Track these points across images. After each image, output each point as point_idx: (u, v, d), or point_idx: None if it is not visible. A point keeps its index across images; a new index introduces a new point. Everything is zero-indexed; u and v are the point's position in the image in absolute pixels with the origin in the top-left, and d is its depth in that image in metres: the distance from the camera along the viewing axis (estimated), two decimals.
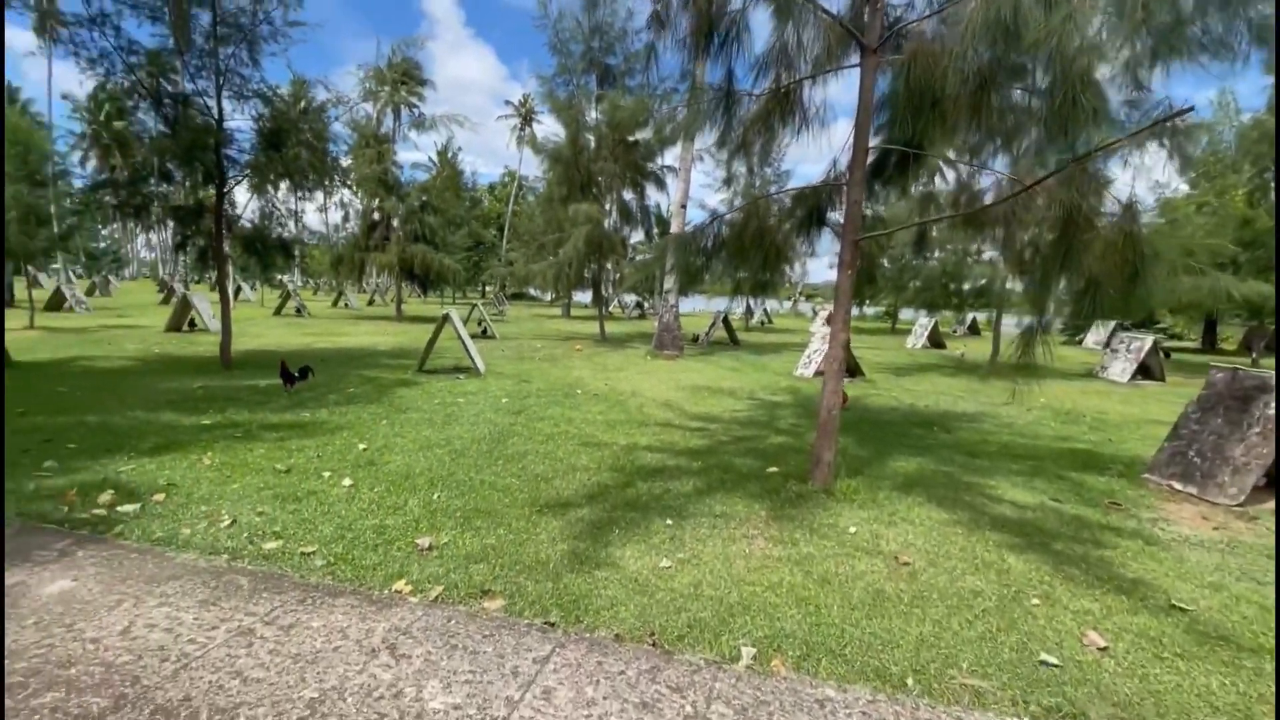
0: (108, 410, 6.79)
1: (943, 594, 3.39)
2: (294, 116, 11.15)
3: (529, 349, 16.00)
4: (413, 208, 23.74)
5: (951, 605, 3.27)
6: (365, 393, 8.57)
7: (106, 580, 3.02)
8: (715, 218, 6.11)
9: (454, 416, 7.31)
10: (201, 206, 11.06)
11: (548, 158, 18.99)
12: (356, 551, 3.54)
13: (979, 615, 3.18)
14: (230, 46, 10.23)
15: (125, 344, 13.59)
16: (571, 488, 4.93)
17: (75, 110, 41.11)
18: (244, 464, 5.08)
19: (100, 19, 9.11)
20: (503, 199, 58.16)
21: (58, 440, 5.46)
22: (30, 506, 3.89)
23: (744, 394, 10.25)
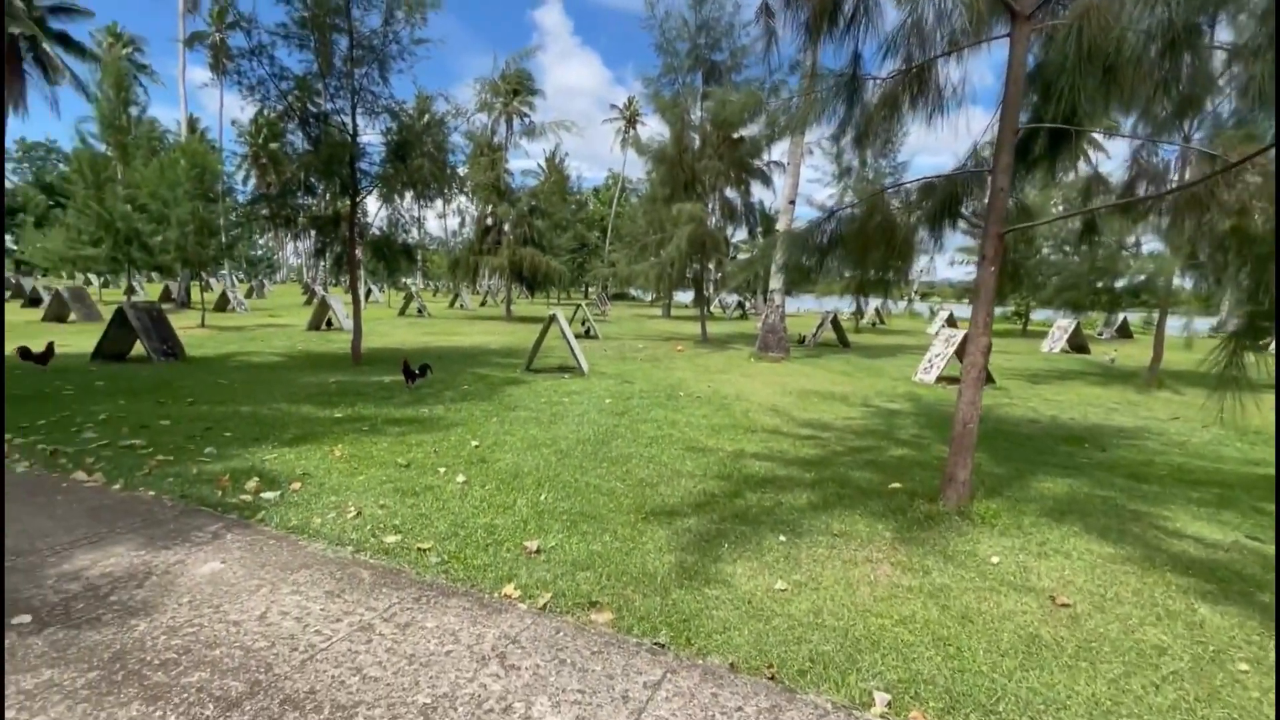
0: (257, 401, 7.51)
1: (1116, 646, 2.87)
2: (418, 129, 11.87)
3: (631, 349, 16.09)
4: (522, 212, 24.71)
5: (1129, 662, 2.76)
6: (477, 390, 8.91)
7: (249, 565, 3.24)
8: (832, 212, 5.70)
9: (559, 416, 7.40)
10: (338, 216, 12.05)
11: (651, 158, 19.01)
12: (468, 551, 3.58)
13: (1167, 678, 2.65)
14: (364, 67, 11.08)
15: (274, 341, 15.16)
16: (677, 495, 4.77)
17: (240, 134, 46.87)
18: (369, 457, 5.37)
19: (258, 49, 10.15)
20: (606, 201, 59.36)
21: (216, 428, 6.08)
22: (192, 490, 4.31)
23: (857, 400, 9.62)
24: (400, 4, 10.93)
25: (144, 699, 2.21)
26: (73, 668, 2.36)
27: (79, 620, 2.67)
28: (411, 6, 11.00)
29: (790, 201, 14.85)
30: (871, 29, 4.60)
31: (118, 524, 3.68)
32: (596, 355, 14.11)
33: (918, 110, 5.09)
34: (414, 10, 11.03)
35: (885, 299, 35.72)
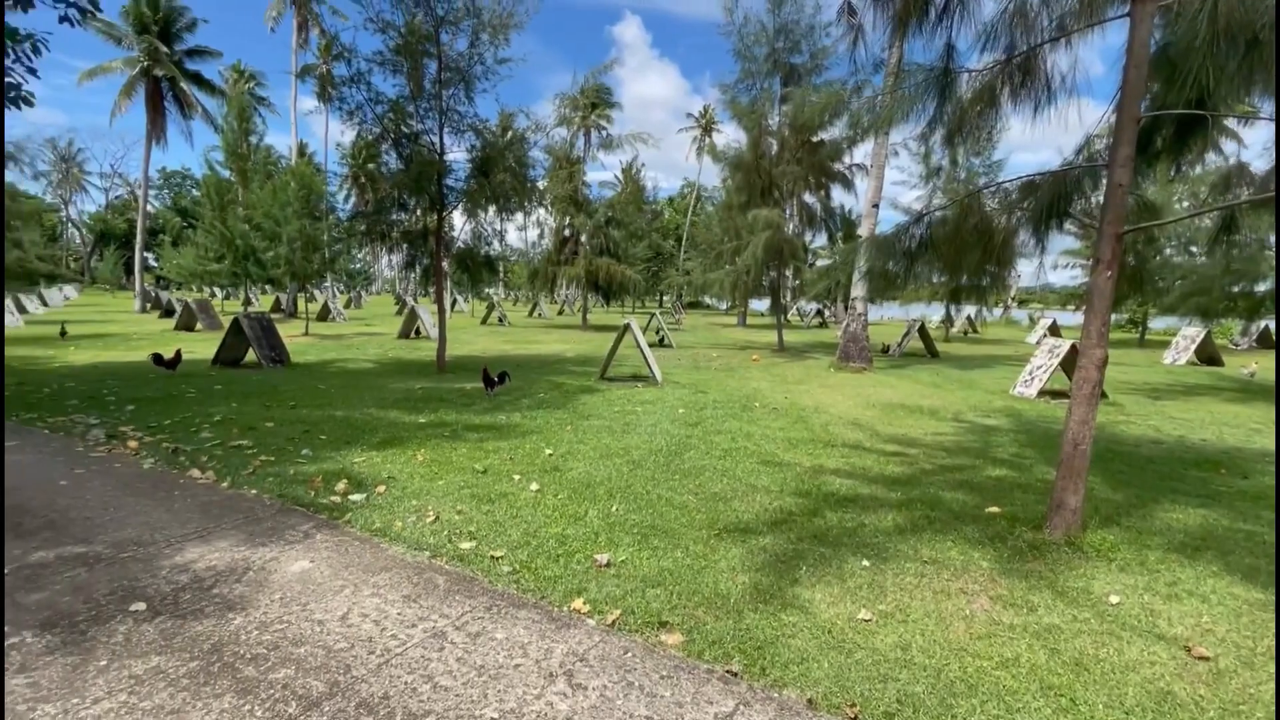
0: (350, 406, 7.97)
1: (1271, 712, 2.46)
2: (500, 146, 12.31)
3: (705, 358, 15.91)
4: (599, 223, 25.12)
5: None
6: (553, 398, 9.05)
7: (335, 565, 3.38)
8: (920, 215, 5.36)
9: (632, 425, 7.37)
10: (426, 230, 12.68)
11: (727, 165, 18.82)
12: (539, 561, 3.58)
13: None
14: (451, 88, 11.62)
15: (368, 348, 16.12)
16: (752, 511, 4.59)
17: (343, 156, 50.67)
18: (448, 462, 5.54)
19: (357, 76, 10.87)
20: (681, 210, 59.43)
21: (313, 431, 6.47)
22: (288, 490, 4.58)
23: (948, 414, 9.01)
24: (485, 27, 11.38)
25: (236, 692, 2.32)
26: (177, 656, 2.52)
27: (185, 611, 2.87)
28: (495, 29, 11.43)
29: (874, 205, 14.23)
30: (966, 18, 4.30)
31: (223, 520, 3.96)
32: (670, 364, 14.04)
33: (1019, 103, 4.71)
34: (498, 32, 11.46)
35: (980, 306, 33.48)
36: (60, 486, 4.47)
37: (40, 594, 2.97)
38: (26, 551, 3.42)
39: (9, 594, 2.98)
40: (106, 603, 2.91)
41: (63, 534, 3.67)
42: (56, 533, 3.68)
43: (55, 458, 5.16)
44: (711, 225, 29.77)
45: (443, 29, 11.18)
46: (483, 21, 11.28)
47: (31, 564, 3.27)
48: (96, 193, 69.01)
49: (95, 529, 3.75)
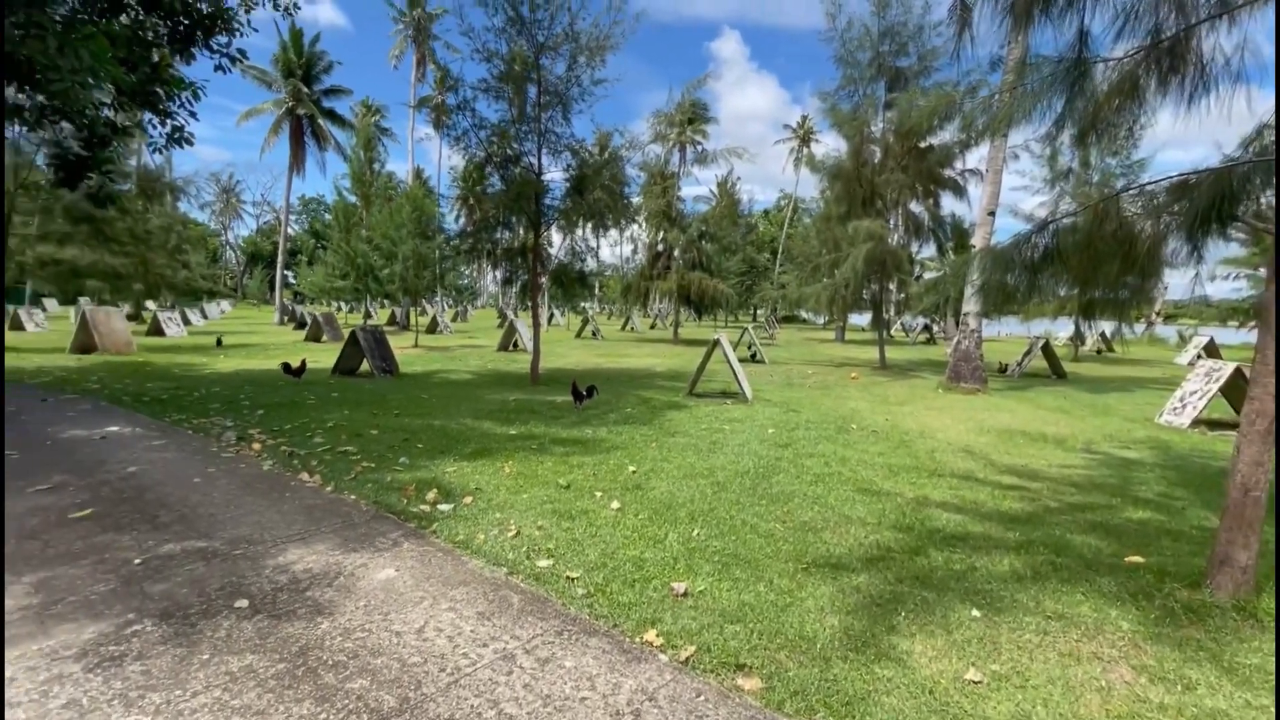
0: (447, 416, 8.33)
1: None
2: (596, 165, 12.58)
3: (799, 375, 15.32)
4: (692, 238, 25.10)
5: None
6: (639, 414, 9.01)
7: (417, 575, 3.46)
8: (1046, 222, 4.81)
9: (719, 445, 7.15)
10: (524, 248, 13.17)
11: (826, 175, 18.18)
12: (614, 585, 3.48)
13: None
14: (549, 111, 12.05)
15: (469, 360, 16.94)
16: (845, 544, 4.25)
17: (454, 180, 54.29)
18: (534, 475, 5.60)
19: (463, 104, 11.53)
20: (777, 223, 58.29)
21: (411, 440, 6.80)
22: (383, 497, 4.80)
23: (1077, 444, 8.04)
24: (582, 50, 11.71)
25: (314, 698, 2.38)
26: (268, 656, 2.65)
27: (280, 611, 3.02)
28: (592, 51, 11.74)
29: (989, 213, 13.14)
30: (1101, 1, 3.81)
31: (323, 523, 4.20)
32: (762, 381, 13.64)
33: (1167, 94, 4.11)
34: (594, 54, 11.76)
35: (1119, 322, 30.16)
36: (194, 484, 4.95)
37: (164, 584, 3.25)
38: (159, 543, 3.78)
39: (142, 581, 3.29)
40: (216, 597, 3.13)
41: (190, 528, 4.03)
42: (185, 527, 4.06)
43: (194, 457, 5.75)
44: (809, 237, 28.87)
45: (543, 55, 11.62)
46: (580, 45, 11.61)
47: (161, 555, 3.60)
48: (249, 218, 78.18)
49: (216, 525, 4.09)
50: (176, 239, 25.52)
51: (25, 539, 3.78)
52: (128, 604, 3.04)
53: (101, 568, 3.42)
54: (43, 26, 6.21)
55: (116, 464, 5.42)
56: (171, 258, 24.75)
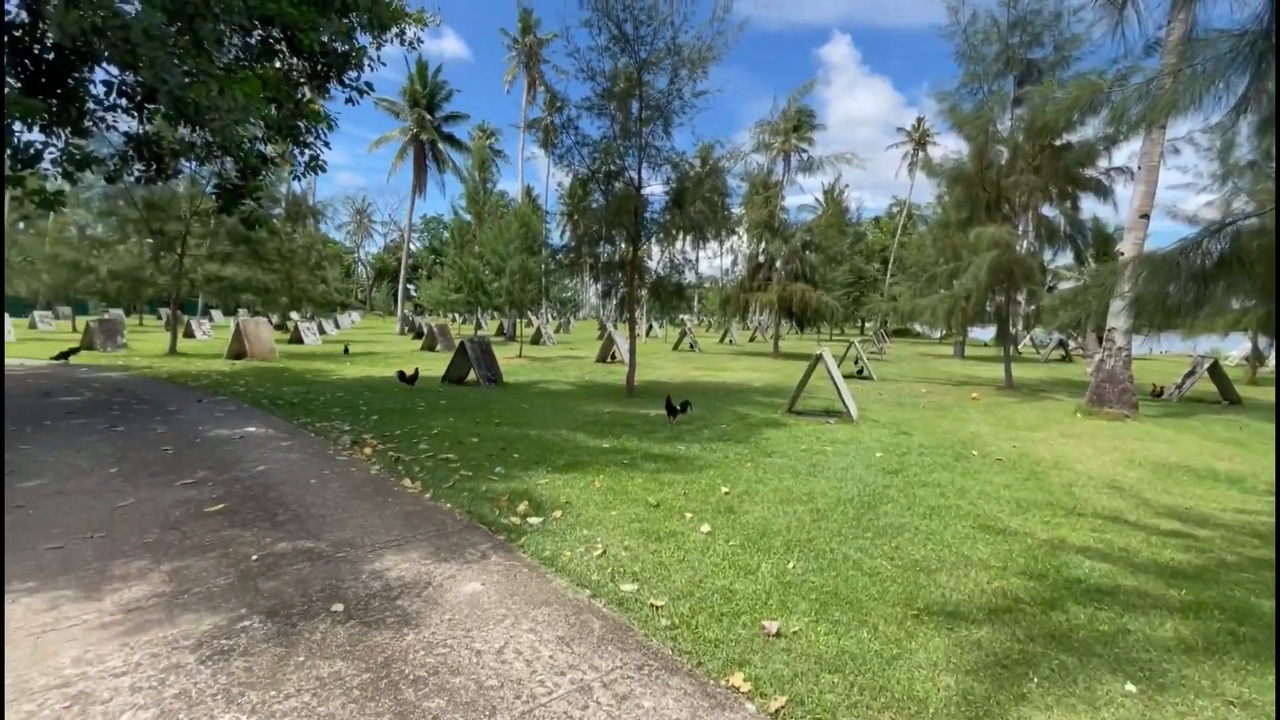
0: (544, 426, 8.48)
1: None
2: (696, 177, 12.49)
3: (911, 394, 14.26)
4: (795, 248, 24.33)
5: None
6: (735, 431, 8.70)
7: (502, 592, 3.44)
8: (1225, 224, 4.07)
9: (819, 467, 6.72)
10: (623, 261, 13.30)
11: (944, 179, 16.93)
12: (701, 618, 3.27)
13: None
14: (650, 125, 12.11)
15: (569, 371, 17.35)
16: (964, 589, 3.77)
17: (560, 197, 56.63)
18: (624, 492, 5.51)
19: (567, 123, 11.87)
20: (889, 231, 55.40)
21: (508, 449, 6.96)
22: (476, 506, 4.89)
23: (1260, 484, 6.78)
24: (684, 63, 11.69)
25: (394, 713, 2.38)
26: (355, 664, 2.69)
27: (371, 618, 3.09)
28: (694, 64, 11.69)
29: (1142, 216, 11.58)
30: None
31: (419, 530, 4.32)
32: (869, 399, 12.82)
33: None
34: (696, 67, 11.70)
35: None
36: (310, 485, 5.31)
37: (274, 582, 3.45)
38: (275, 541, 4.05)
39: (256, 577, 3.52)
40: (316, 599, 3.26)
41: (301, 528, 4.29)
42: (298, 526, 4.33)
43: (313, 459, 6.20)
44: (923, 246, 27.06)
45: (645, 70, 11.72)
46: (682, 58, 11.60)
47: (275, 553, 3.84)
48: (378, 237, 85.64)
49: (325, 527, 4.33)
50: (316, 257, 28.40)
51: (169, 529, 4.19)
52: (241, 599, 3.25)
53: (224, 562, 3.70)
54: (208, 74, 7.06)
55: (249, 462, 5.95)
56: (312, 274, 27.57)
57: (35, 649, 2.75)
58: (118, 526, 4.22)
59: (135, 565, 3.62)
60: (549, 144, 13.97)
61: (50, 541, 3.93)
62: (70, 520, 4.31)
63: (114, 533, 4.11)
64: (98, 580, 3.42)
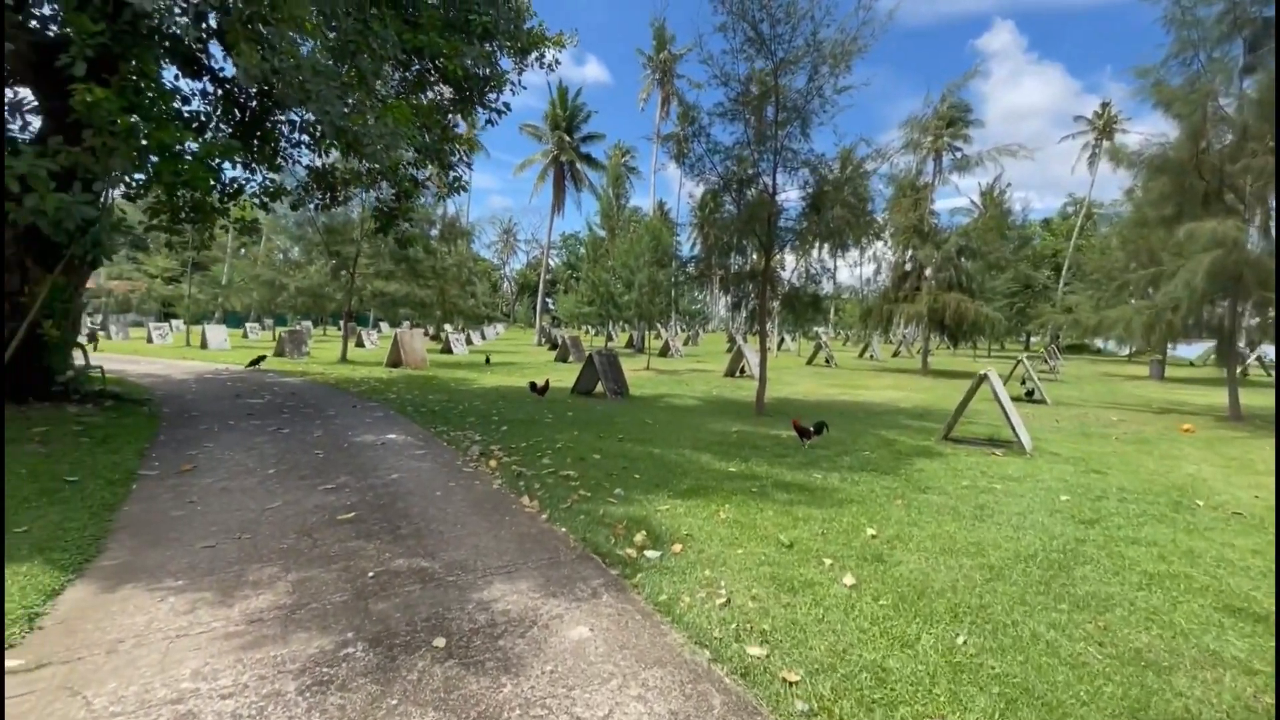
0: (668, 444, 8.10)
1: None
2: (837, 180, 11.58)
3: (1099, 422, 12.07)
4: (949, 254, 22.02)
5: None
6: (880, 459, 7.74)
7: (611, 642, 3.06)
8: None
9: (988, 510, 5.65)
10: (754, 272, 12.67)
11: (1142, 169, 14.32)
12: (846, 704, 2.65)
13: None
14: (786, 128, 11.43)
15: (696, 385, 16.92)
16: (1217, 703, 2.77)
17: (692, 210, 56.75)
18: (753, 526, 4.94)
19: (698, 131, 11.55)
20: (1062, 233, 48.95)
21: (630, 469, 6.65)
22: (592, 533, 4.58)
23: None
24: (825, 59, 10.90)
25: None
26: (447, 715, 2.44)
27: (471, 660, 2.85)
28: (836, 58, 10.86)
29: None
30: None
31: (531, 556, 4.10)
32: (1044, 427, 11.01)
33: None
34: (839, 61, 10.86)
35: None
36: (435, 497, 5.35)
37: (384, 604, 3.36)
38: (393, 556, 4.02)
39: (369, 596, 3.45)
40: (420, 629, 3.09)
41: (420, 544, 4.24)
42: (417, 542, 4.29)
43: (442, 469, 6.32)
44: (1108, 248, 23.36)
45: (781, 71, 11.10)
46: (823, 54, 10.82)
47: (390, 571, 3.79)
48: (522, 254, 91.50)
49: (441, 544, 4.25)
50: (467, 273, 30.69)
51: (303, 535, 4.34)
52: (351, 620, 3.17)
53: (344, 576, 3.70)
54: (364, 105, 7.61)
55: (385, 470, 6.19)
56: (462, 289, 29.81)
57: (165, 655, 2.81)
58: (262, 529, 4.45)
59: (267, 571, 3.72)
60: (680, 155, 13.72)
61: (206, 540, 4.21)
62: (226, 519, 4.63)
63: (258, 535, 4.33)
64: (234, 585, 3.54)
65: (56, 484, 5.16)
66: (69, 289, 8.23)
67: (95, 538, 4.15)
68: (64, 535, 4.12)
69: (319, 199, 12.29)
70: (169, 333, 30.68)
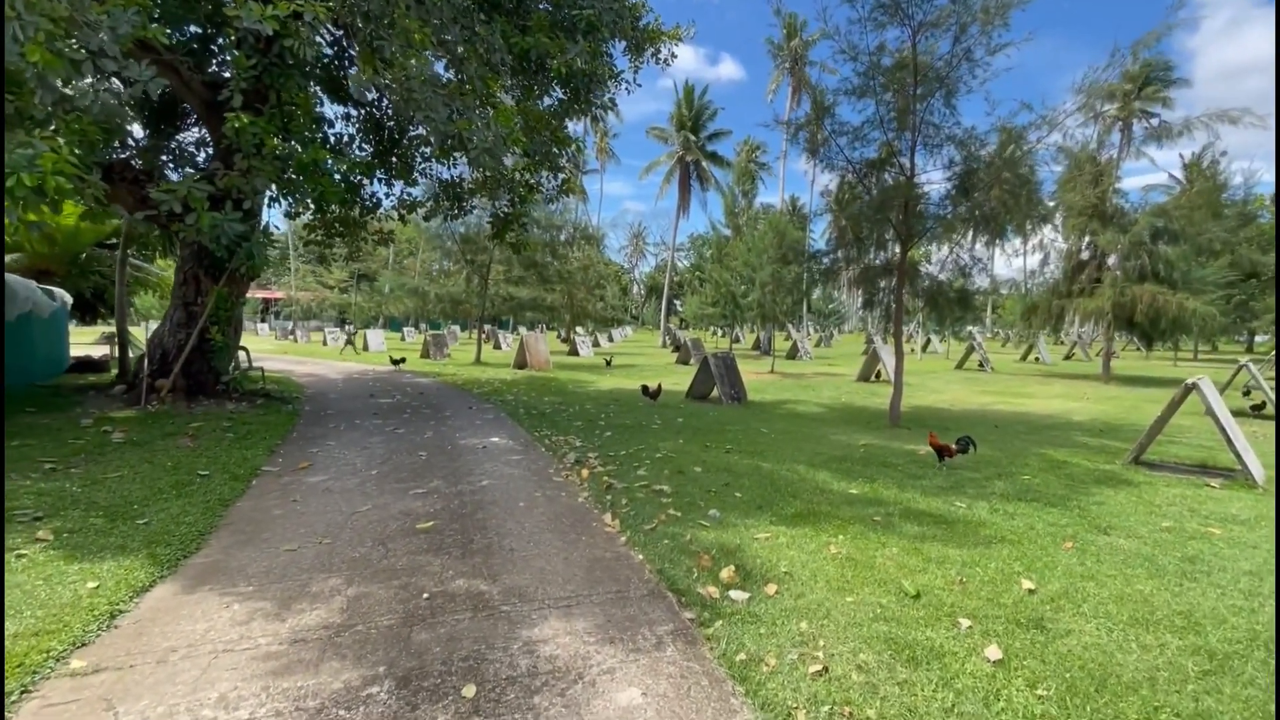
0: (780, 458, 7.30)
1: None
2: (995, 159, 9.98)
3: None
4: (1139, 238, 18.48)
5: None
6: (1046, 485, 6.35)
7: (664, 714, 2.49)
8: None
9: (1202, 565, 4.28)
10: (889, 265, 11.33)
11: None
12: None
13: None
14: (925, 101, 10.04)
15: (823, 391, 15.64)
16: None
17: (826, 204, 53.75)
18: (869, 566, 4.10)
19: (826, 109, 10.51)
20: None
21: (732, 485, 5.99)
22: (673, 563, 4.01)
23: None
24: (975, 17, 9.41)
25: None
26: None
27: (499, 717, 2.43)
28: (989, 13, 9.32)
29: None
30: None
31: (597, 589, 3.63)
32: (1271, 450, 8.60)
33: None
34: (992, 16, 9.31)
35: None
36: (517, 508, 5.09)
37: (426, 634, 3.07)
38: (455, 575, 3.76)
39: (416, 623, 3.19)
40: (453, 672, 2.74)
41: (486, 563, 3.96)
42: (484, 559, 4.01)
43: (533, 478, 6.10)
44: None
45: (920, 35, 9.77)
46: (971, 11, 9.34)
47: (446, 593, 3.52)
48: (651, 258, 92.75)
49: (507, 565, 3.94)
50: (596, 277, 31.37)
51: (378, 544, 4.25)
52: (389, 651, 2.90)
53: (402, 594, 3.49)
54: (468, 108, 7.67)
55: (478, 475, 6.09)
56: (590, 293, 30.50)
57: (204, 672, 2.71)
58: (344, 534, 4.43)
59: (331, 583, 3.62)
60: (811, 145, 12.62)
61: (291, 542, 4.25)
62: (316, 521, 4.69)
63: (338, 540, 4.31)
64: (295, 596, 3.46)
65: (190, 478, 5.62)
66: (231, 298, 9.25)
67: (201, 534, 4.35)
68: (175, 530, 4.36)
69: (448, 209, 12.91)
70: (340, 336, 34.74)
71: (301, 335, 39.38)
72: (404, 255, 48.26)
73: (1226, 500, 6.02)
